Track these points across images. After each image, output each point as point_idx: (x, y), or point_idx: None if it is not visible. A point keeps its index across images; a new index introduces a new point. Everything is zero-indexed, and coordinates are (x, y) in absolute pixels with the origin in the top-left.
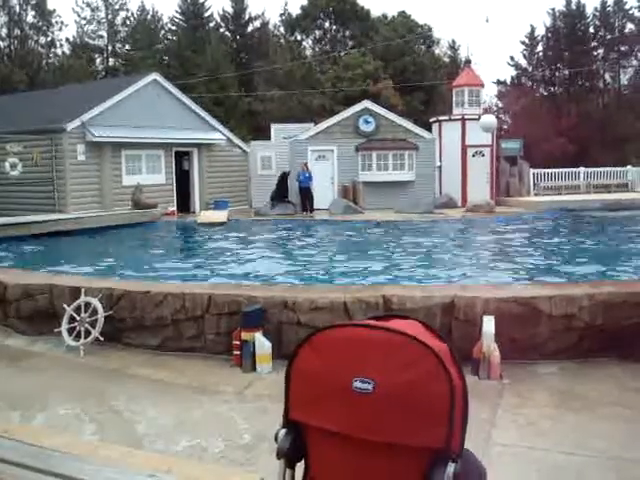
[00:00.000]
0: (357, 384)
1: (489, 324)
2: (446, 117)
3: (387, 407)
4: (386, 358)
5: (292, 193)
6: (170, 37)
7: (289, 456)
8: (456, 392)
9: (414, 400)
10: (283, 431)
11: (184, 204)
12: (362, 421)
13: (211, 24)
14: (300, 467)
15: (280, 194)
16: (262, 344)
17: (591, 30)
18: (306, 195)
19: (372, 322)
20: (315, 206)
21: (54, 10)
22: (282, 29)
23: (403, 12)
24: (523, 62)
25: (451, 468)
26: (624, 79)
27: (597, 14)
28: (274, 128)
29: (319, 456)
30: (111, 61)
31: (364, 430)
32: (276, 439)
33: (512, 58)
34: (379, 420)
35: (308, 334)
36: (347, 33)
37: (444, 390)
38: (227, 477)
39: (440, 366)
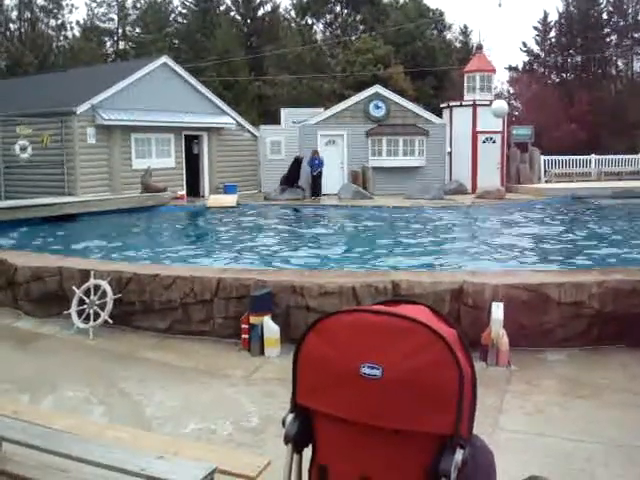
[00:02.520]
0: (365, 369)
1: (498, 310)
2: (457, 103)
3: (395, 393)
4: (394, 344)
5: (303, 178)
6: (180, 20)
7: (296, 441)
8: (465, 378)
9: (422, 386)
10: (291, 416)
11: (193, 188)
12: (370, 407)
13: (222, 7)
14: (308, 452)
15: (291, 179)
16: (270, 328)
17: (604, 16)
18: (316, 181)
19: (380, 307)
20: (325, 191)
21: None
22: (293, 13)
23: None
24: (535, 48)
25: (459, 455)
26: (637, 66)
27: (611, 0)
28: (284, 112)
29: (326, 442)
30: (121, 44)
31: (372, 416)
32: (284, 424)
33: (524, 44)
34: (387, 406)
35: (315, 319)
36: (358, 17)
37: (453, 376)
38: (235, 459)
39: (448, 352)
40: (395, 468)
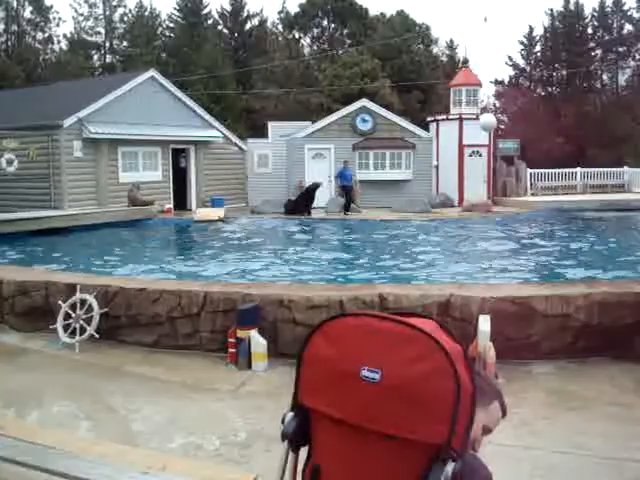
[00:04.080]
0: (365, 372)
1: (485, 323)
2: (443, 116)
3: (391, 398)
4: (395, 349)
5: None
6: (168, 34)
7: (293, 440)
8: (462, 391)
9: (418, 394)
10: (290, 414)
11: (180, 202)
12: (366, 410)
13: (209, 21)
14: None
15: (302, 204)
16: (258, 342)
17: (589, 31)
18: (349, 194)
19: (386, 314)
20: (312, 204)
21: (51, 6)
22: (280, 27)
23: (401, 11)
24: (521, 62)
25: (450, 467)
26: (622, 80)
27: (595, 14)
28: (271, 126)
29: (323, 442)
30: (108, 58)
31: (367, 419)
32: (283, 421)
33: (510, 58)
34: (382, 410)
35: (321, 321)
36: (345, 31)
37: (449, 387)
38: (222, 475)
39: (448, 363)
40: (387, 474)
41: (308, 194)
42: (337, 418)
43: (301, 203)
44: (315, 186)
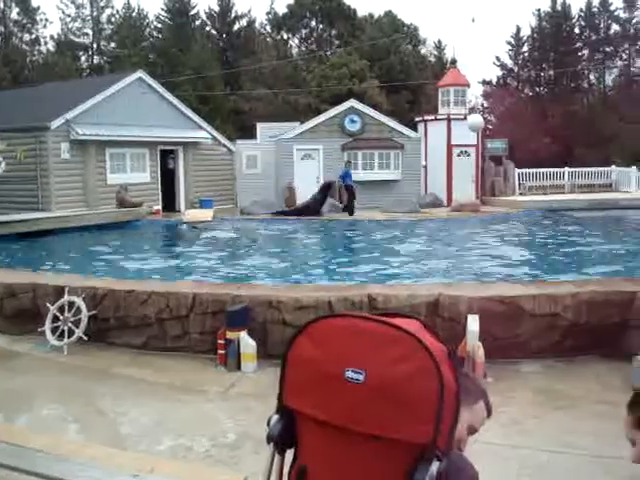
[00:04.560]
0: (349, 374)
1: (473, 323)
2: (432, 117)
3: (375, 399)
4: (379, 350)
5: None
6: (156, 35)
7: (279, 442)
8: (446, 390)
9: (402, 394)
10: (276, 417)
11: (169, 203)
12: (350, 411)
13: (197, 22)
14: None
15: (319, 204)
16: (247, 343)
17: (576, 31)
18: (353, 194)
19: (371, 315)
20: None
21: (38, 7)
22: (268, 28)
23: (389, 12)
24: (509, 62)
25: (435, 466)
26: (609, 80)
27: (582, 15)
28: (260, 127)
29: (308, 443)
30: (96, 59)
31: (351, 420)
32: (268, 424)
33: (498, 58)
34: (366, 411)
35: (306, 322)
36: (333, 32)
37: (433, 387)
38: (211, 476)
39: (432, 363)
40: (373, 474)
41: (324, 193)
42: (322, 419)
43: (320, 203)
44: (329, 185)
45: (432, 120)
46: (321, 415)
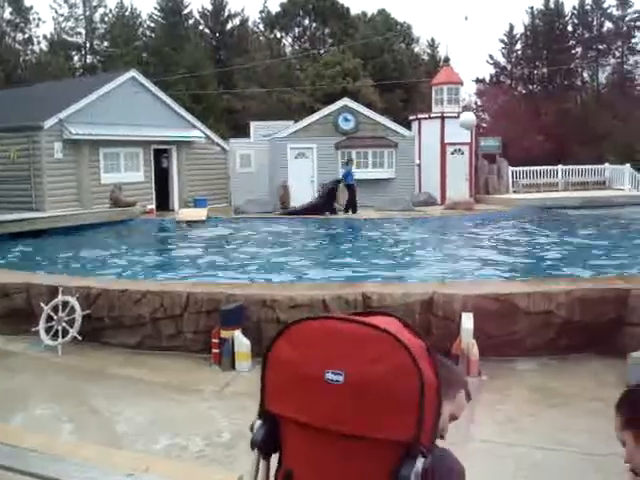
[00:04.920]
0: (329, 375)
1: (468, 321)
2: (425, 115)
3: (357, 399)
4: (357, 350)
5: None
6: (149, 34)
7: (263, 447)
8: (427, 387)
9: (383, 393)
10: (258, 422)
11: (163, 202)
12: (332, 412)
13: (190, 21)
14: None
15: (329, 202)
16: (241, 342)
17: (569, 28)
18: (354, 193)
19: (348, 315)
20: (294, 203)
21: (31, 7)
22: (261, 26)
23: (383, 10)
24: (502, 60)
25: (420, 463)
26: (602, 77)
27: (575, 12)
28: (253, 126)
29: (293, 447)
30: (89, 58)
31: (334, 421)
32: (252, 429)
33: (491, 56)
34: (348, 412)
35: (284, 325)
36: (327, 31)
37: (414, 384)
38: (206, 475)
39: (411, 361)
40: (358, 474)
41: (333, 192)
42: (304, 422)
43: (329, 201)
44: (337, 182)
45: (426, 118)
46: (303, 418)
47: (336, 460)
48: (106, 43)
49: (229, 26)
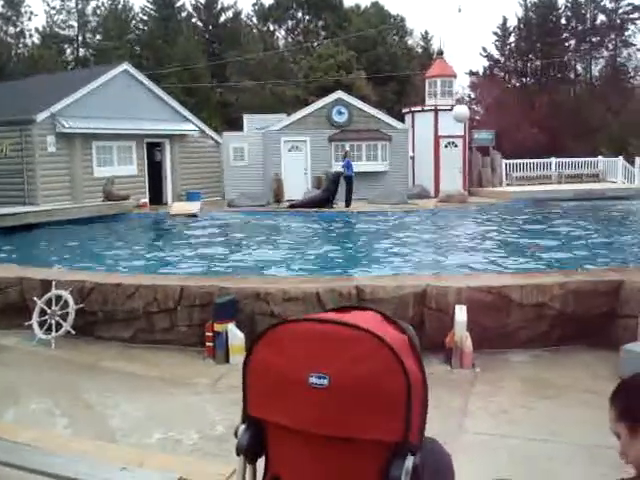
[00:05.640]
0: (312, 379)
1: (461, 313)
2: (419, 108)
3: (343, 402)
4: (340, 352)
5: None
6: (141, 27)
7: (249, 452)
8: (413, 384)
9: (369, 394)
10: (242, 427)
11: (156, 196)
12: (318, 416)
13: (183, 14)
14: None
15: (331, 195)
16: (235, 335)
17: (563, 21)
18: (351, 186)
19: (327, 315)
20: (288, 197)
21: (23, 0)
22: (255, 19)
23: (376, 2)
24: (495, 53)
25: (409, 461)
26: (595, 70)
27: (569, 5)
28: (247, 119)
29: (278, 452)
30: (81, 51)
31: (320, 425)
32: (236, 435)
33: (484, 49)
34: (335, 415)
35: (262, 330)
36: (320, 23)
37: (399, 383)
38: (200, 469)
39: (394, 359)
40: (347, 477)
41: (335, 185)
42: (289, 427)
43: (332, 194)
44: (338, 175)
45: (419, 111)
46: (288, 422)
47: (323, 464)
48: (98, 36)
49: (222, 19)
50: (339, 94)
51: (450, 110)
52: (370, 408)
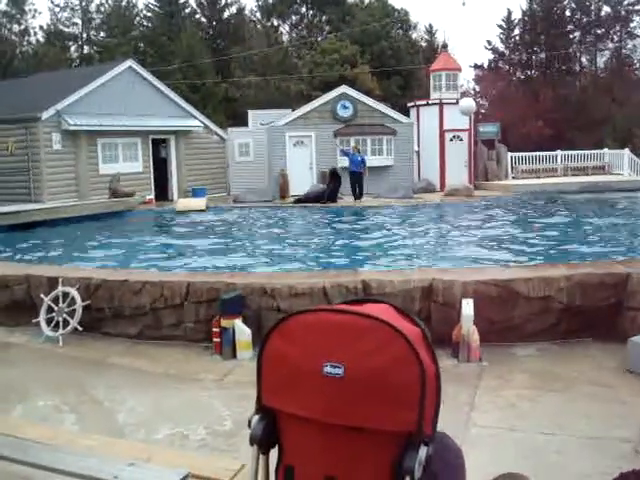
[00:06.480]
0: (327, 369)
1: (468, 307)
2: (424, 102)
3: (357, 391)
4: (356, 342)
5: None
6: (145, 24)
7: (262, 442)
8: (427, 376)
9: (383, 384)
10: (256, 417)
11: (162, 192)
12: (333, 406)
13: (187, 10)
14: (275, 453)
15: (335, 191)
16: (242, 331)
17: (567, 13)
18: (357, 181)
19: (342, 306)
20: (293, 192)
21: None
22: (258, 14)
23: None
24: (500, 46)
25: (423, 452)
26: (600, 62)
27: None
28: (251, 114)
29: (292, 442)
30: (86, 49)
31: (335, 415)
32: (249, 425)
33: (489, 42)
34: (349, 405)
35: (277, 320)
36: (324, 18)
37: (414, 374)
38: (209, 464)
39: (410, 350)
40: (360, 467)
41: (338, 180)
42: (304, 416)
43: (336, 190)
44: (333, 171)
45: (424, 105)
46: (302, 412)
47: (336, 453)
48: (102, 33)
49: (226, 15)
50: (343, 89)
51: (455, 104)
52: (384, 398)
